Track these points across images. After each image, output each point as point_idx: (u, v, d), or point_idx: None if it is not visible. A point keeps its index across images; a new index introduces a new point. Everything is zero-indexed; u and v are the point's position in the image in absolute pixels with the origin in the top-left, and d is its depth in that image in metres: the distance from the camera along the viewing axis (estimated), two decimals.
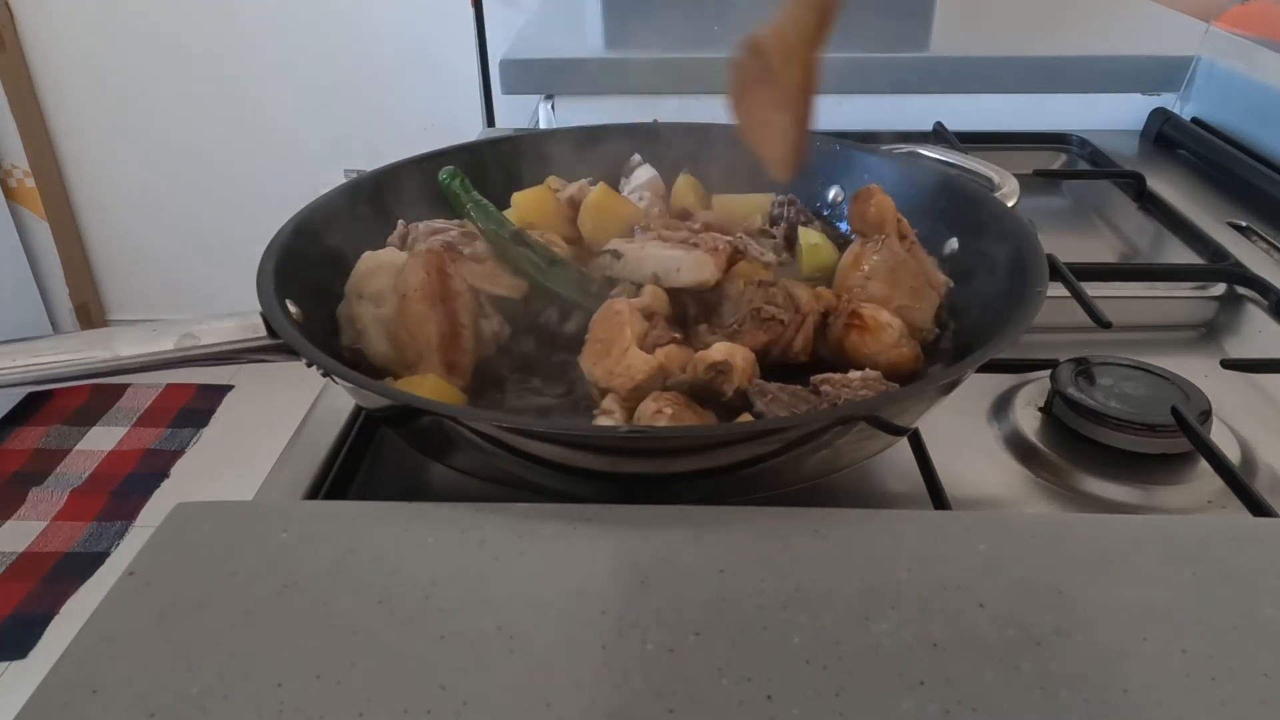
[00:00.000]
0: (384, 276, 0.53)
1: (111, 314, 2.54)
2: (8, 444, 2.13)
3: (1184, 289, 0.71)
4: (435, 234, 0.57)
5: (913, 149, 0.72)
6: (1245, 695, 0.31)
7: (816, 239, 0.60)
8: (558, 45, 1.14)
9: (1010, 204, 0.60)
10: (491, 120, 2.09)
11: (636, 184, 0.65)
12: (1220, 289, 0.71)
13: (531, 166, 0.66)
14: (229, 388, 2.32)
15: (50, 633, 1.65)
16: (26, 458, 2.09)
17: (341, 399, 0.57)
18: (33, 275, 2.30)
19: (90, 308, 2.46)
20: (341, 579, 0.36)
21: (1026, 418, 0.57)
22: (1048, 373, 0.57)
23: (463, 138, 0.60)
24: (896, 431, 0.48)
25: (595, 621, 0.34)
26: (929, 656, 0.32)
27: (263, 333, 0.46)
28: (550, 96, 1.08)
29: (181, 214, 2.37)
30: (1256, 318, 0.68)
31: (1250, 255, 0.75)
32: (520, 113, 1.20)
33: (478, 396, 0.51)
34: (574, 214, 0.61)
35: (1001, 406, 0.58)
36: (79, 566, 1.79)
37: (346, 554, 0.37)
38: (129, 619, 0.34)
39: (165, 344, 0.46)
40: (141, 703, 0.31)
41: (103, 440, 2.15)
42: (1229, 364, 0.60)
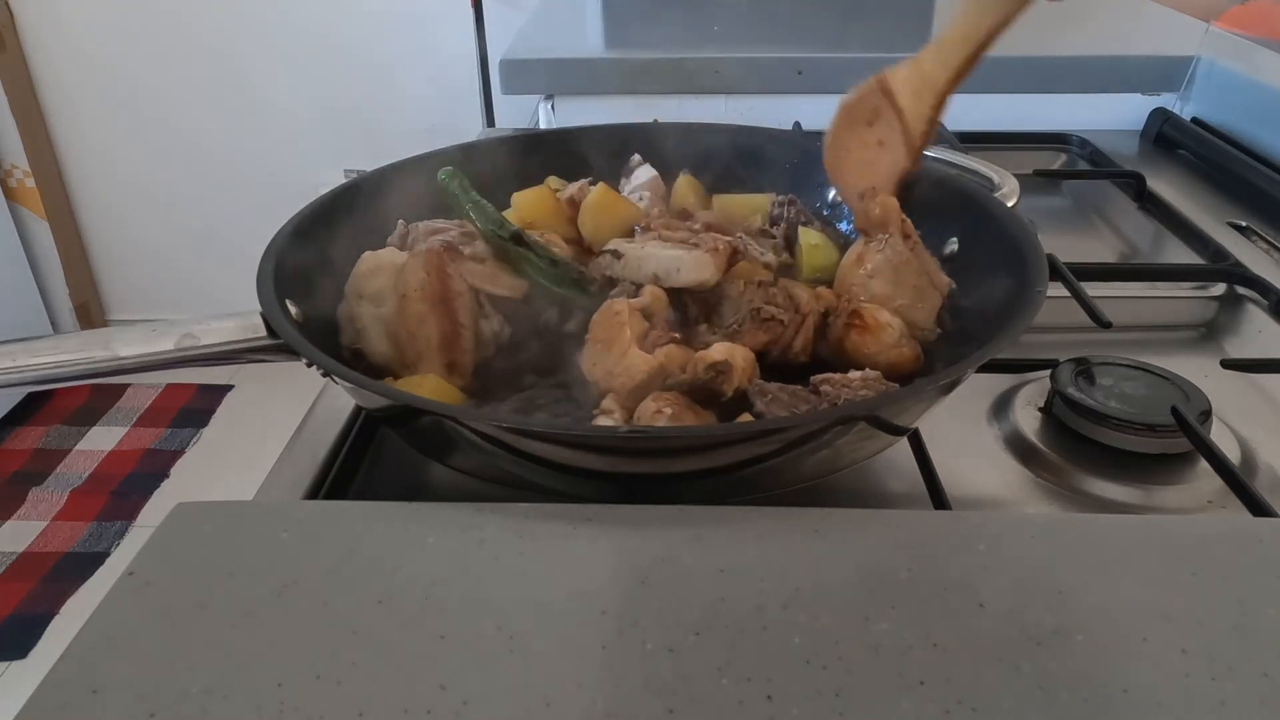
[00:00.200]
0: (384, 276, 0.53)
1: (111, 314, 2.54)
2: (8, 444, 2.13)
3: (1184, 289, 0.71)
4: (435, 234, 0.57)
5: None
6: (1245, 695, 0.31)
7: (817, 239, 0.60)
8: (558, 45, 1.14)
9: (1010, 204, 0.60)
10: (491, 120, 2.09)
11: (636, 184, 0.65)
12: (1220, 289, 0.71)
13: (531, 167, 0.66)
14: (229, 388, 2.32)
15: (50, 633, 1.65)
16: (26, 458, 2.09)
17: (341, 399, 0.57)
18: (33, 275, 2.30)
19: (90, 308, 2.46)
20: (341, 579, 0.36)
21: (1026, 418, 0.57)
22: (1048, 373, 0.57)
23: (463, 138, 0.60)
24: (897, 431, 0.48)
25: (595, 621, 0.34)
26: (929, 656, 0.32)
27: (263, 333, 0.46)
28: (550, 96, 1.08)
29: (181, 214, 2.37)
30: (1256, 318, 0.68)
31: (1250, 255, 0.75)
32: (520, 113, 1.20)
33: (478, 396, 0.51)
34: (574, 214, 0.61)
35: (1001, 406, 0.58)
36: (79, 566, 1.79)
37: (346, 554, 0.37)
38: (129, 619, 0.34)
39: (165, 344, 0.46)
40: (141, 703, 0.31)
41: (103, 440, 2.15)
42: (1229, 364, 0.60)
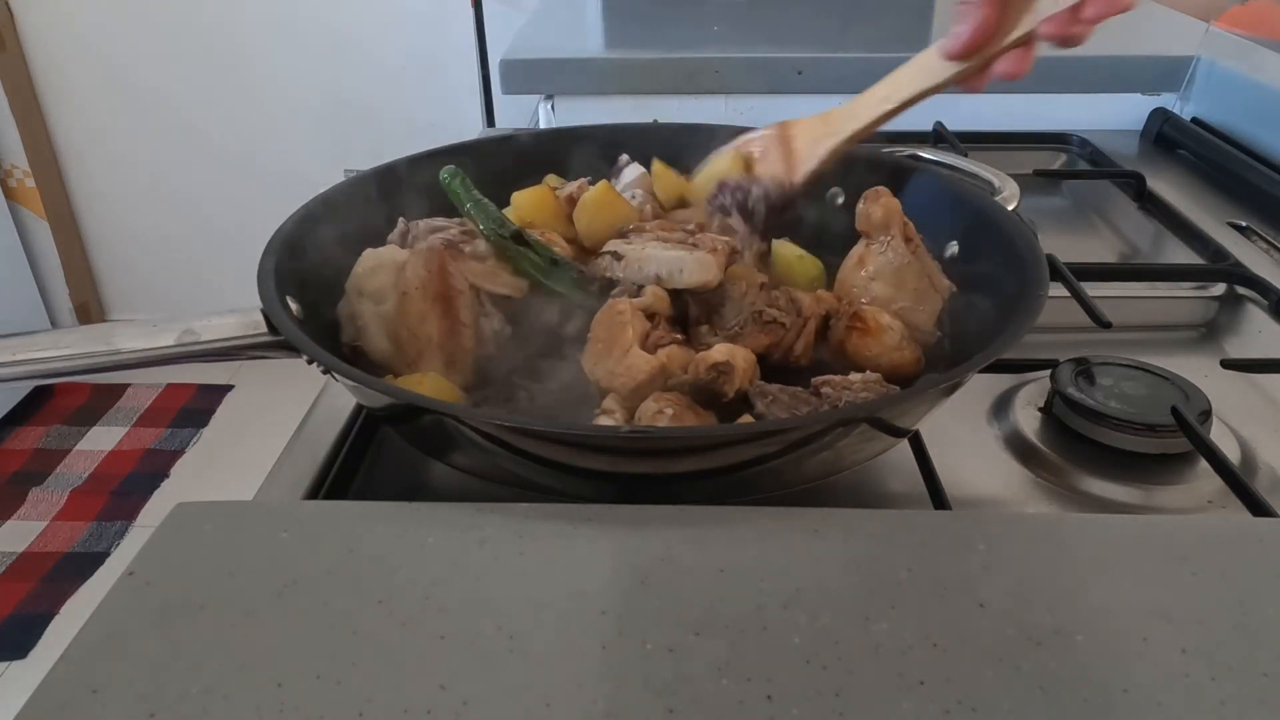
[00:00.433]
0: (385, 274, 0.53)
1: (111, 314, 2.54)
2: (8, 444, 2.13)
3: (1184, 289, 0.71)
4: (435, 232, 0.57)
5: (914, 151, 0.72)
6: (1245, 695, 0.31)
7: (798, 251, 0.59)
8: (558, 45, 1.14)
9: (1010, 208, 0.60)
10: (491, 120, 2.09)
11: (626, 182, 0.65)
12: (1220, 289, 0.71)
13: (531, 167, 0.66)
14: (229, 387, 2.31)
15: (50, 633, 1.65)
16: (26, 458, 2.09)
17: (342, 399, 0.57)
18: (33, 275, 2.30)
19: (90, 307, 2.46)
20: (341, 579, 0.36)
21: (1026, 418, 0.57)
22: (1048, 373, 0.57)
23: (463, 137, 0.60)
24: (898, 433, 0.48)
25: (595, 621, 0.34)
26: (929, 656, 0.32)
27: (263, 329, 0.46)
28: (550, 96, 1.08)
29: (181, 214, 2.37)
30: (1256, 318, 0.68)
31: (1250, 255, 0.75)
32: (520, 113, 1.20)
33: (478, 395, 0.51)
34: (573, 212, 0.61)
35: (1001, 406, 0.58)
36: (79, 566, 1.79)
37: (346, 554, 0.37)
38: (129, 619, 0.34)
39: (165, 339, 0.46)
40: (141, 703, 0.31)
41: (103, 440, 2.15)
42: (1229, 364, 0.60)
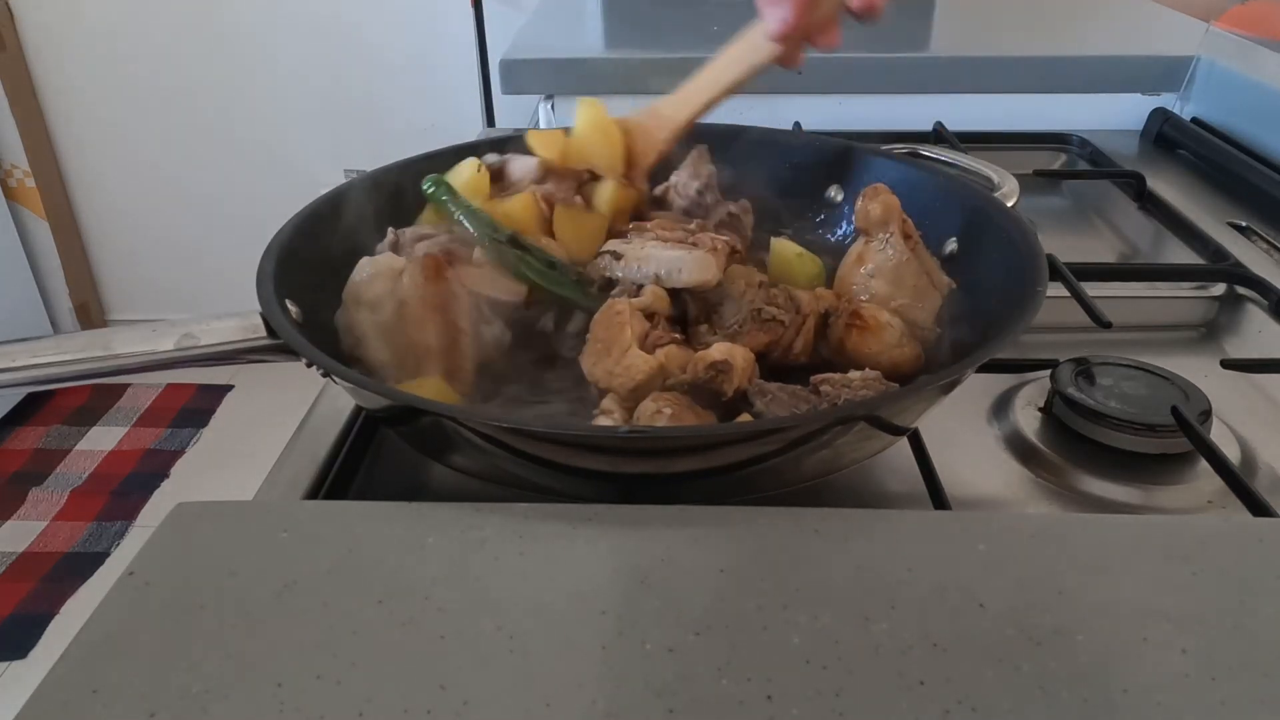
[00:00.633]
0: (382, 282, 0.52)
1: (111, 314, 2.54)
2: (8, 444, 2.13)
3: (1184, 289, 0.71)
4: (422, 239, 0.56)
5: (913, 149, 0.72)
6: (1245, 695, 0.31)
7: (797, 249, 0.59)
8: (558, 45, 1.14)
9: (1010, 204, 0.60)
10: (491, 120, 2.09)
11: (516, 180, 0.60)
12: (1220, 289, 0.71)
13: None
14: (229, 388, 2.32)
15: (50, 633, 1.65)
16: (26, 458, 2.09)
17: (341, 399, 0.57)
18: (33, 275, 2.30)
19: (90, 308, 2.46)
20: (341, 579, 0.36)
21: (1026, 418, 0.57)
22: (1048, 373, 0.57)
23: (463, 138, 0.60)
24: (896, 431, 0.48)
25: (595, 621, 0.34)
26: (929, 656, 0.32)
27: (262, 333, 0.46)
28: (550, 96, 1.08)
29: (182, 214, 2.37)
30: (1256, 318, 0.68)
31: (1250, 255, 0.75)
32: (520, 113, 1.20)
33: (479, 400, 0.51)
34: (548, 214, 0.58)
35: (1001, 406, 0.58)
36: (79, 566, 1.79)
37: (346, 554, 0.37)
38: (129, 619, 0.34)
39: (165, 344, 0.46)
40: (141, 703, 0.31)
41: (103, 440, 2.15)
42: (1229, 364, 0.60)
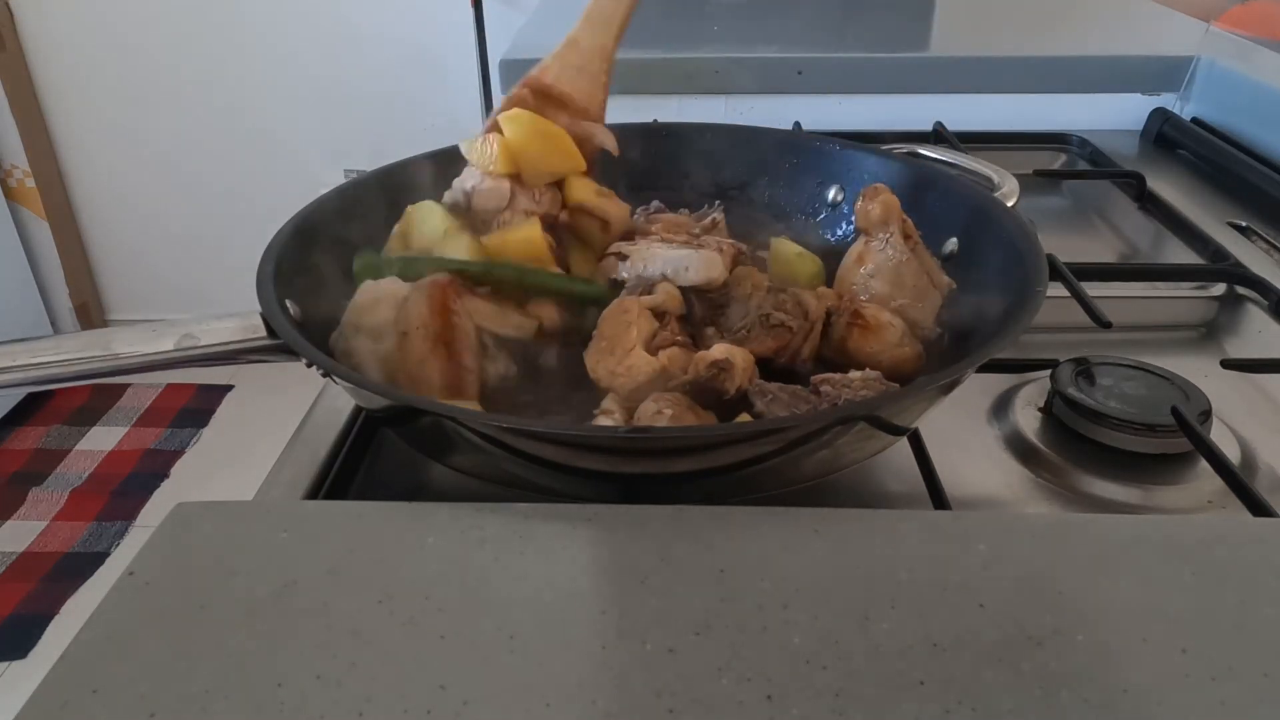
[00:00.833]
0: (385, 309, 0.49)
1: (111, 314, 2.54)
2: (8, 444, 2.13)
3: (1184, 289, 0.71)
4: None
5: (912, 149, 0.72)
6: (1245, 695, 0.31)
7: (796, 249, 0.59)
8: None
9: (1010, 204, 0.60)
10: None
11: (491, 206, 0.57)
12: (1220, 289, 0.71)
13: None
14: (229, 388, 2.32)
15: (50, 633, 1.65)
16: (26, 458, 2.09)
17: (341, 399, 0.57)
18: (33, 275, 2.30)
19: (90, 308, 2.46)
20: (341, 579, 0.36)
21: (1026, 418, 0.57)
22: (1048, 373, 0.57)
23: (463, 138, 0.60)
24: (896, 431, 0.48)
25: (595, 621, 0.34)
26: (929, 656, 0.32)
27: (262, 333, 0.46)
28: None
29: (182, 214, 2.37)
30: (1256, 318, 0.68)
31: (1250, 255, 0.75)
32: None
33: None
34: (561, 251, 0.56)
35: (1001, 406, 0.58)
36: (79, 566, 1.79)
37: (346, 554, 0.37)
38: (129, 619, 0.34)
39: (165, 344, 0.46)
40: (141, 703, 0.31)
41: (103, 440, 2.15)
42: (1229, 364, 0.60)
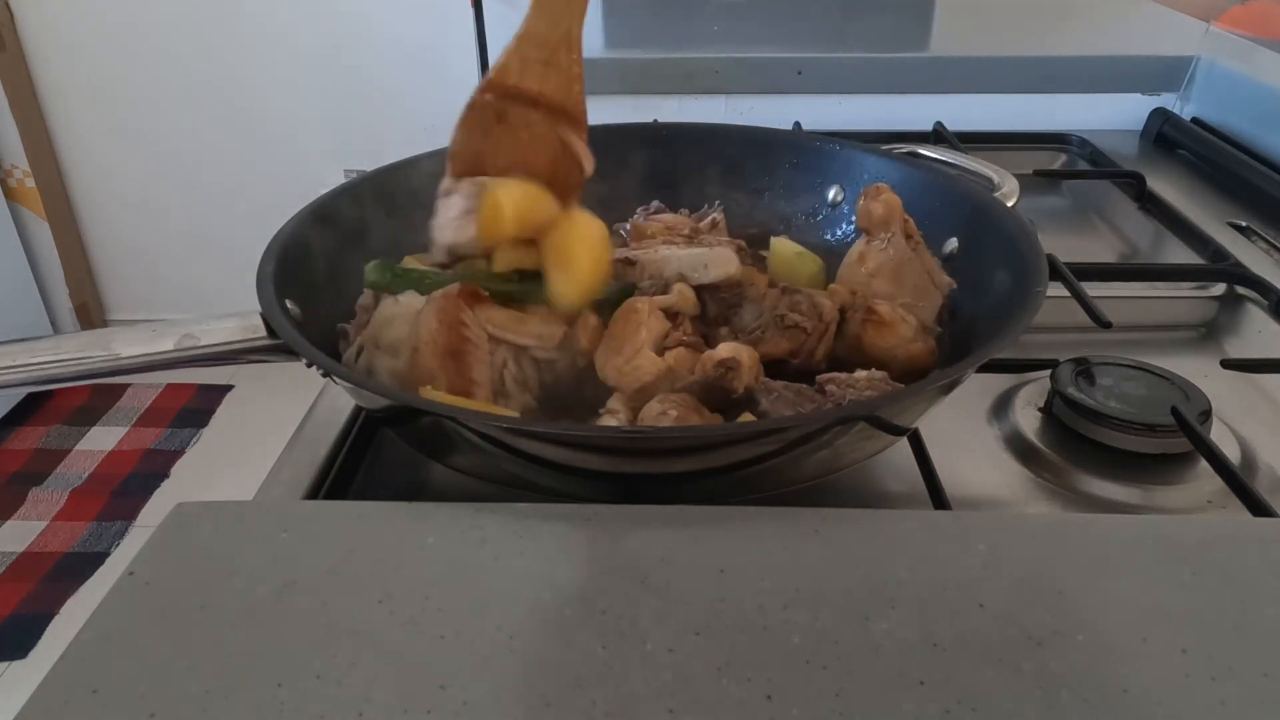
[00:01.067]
0: (401, 325, 0.48)
1: (111, 314, 2.54)
2: (8, 444, 2.13)
3: (1184, 289, 0.71)
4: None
5: (913, 149, 0.72)
6: (1245, 695, 0.31)
7: (797, 248, 0.58)
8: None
9: (1010, 204, 0.60)
10: None
11: (453, 215, 0.55)
12: (1220, 289, 0.71)
13: None
14: (229, 388, 2.32)
15: (50, 633, 1.65)
16: (26, 458, 2.09)
17: (341, 399, 0.57)
18: (33, 275, 2.30)
19: (90, 308, 2.46)
20: (341, 579, 0.36)
21: (1026, 418, 0.57)
22: (1048, 373, 0.57)
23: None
24: (896, 431, 0.48)
25: (595, 621, 0.34)
26: (929, 656, 0.32)
27: (262, 333, 0.46)
28: None
29: (182, 214, 2.37)
30: (1256, 318, 0.68)
31: (1250, 255, 0.75)
32: None
33: None
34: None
35: (1001, 406, 0.58)
36: (79, 566, 1.79)
37: (346, 554, 0.37)
38: (129, 619, 0.34)
39: (165, 344, 0.45)
40: (141, 703, 0.31)
41: (103, 440, 2.15)
42: (1229, 364, 0.60)
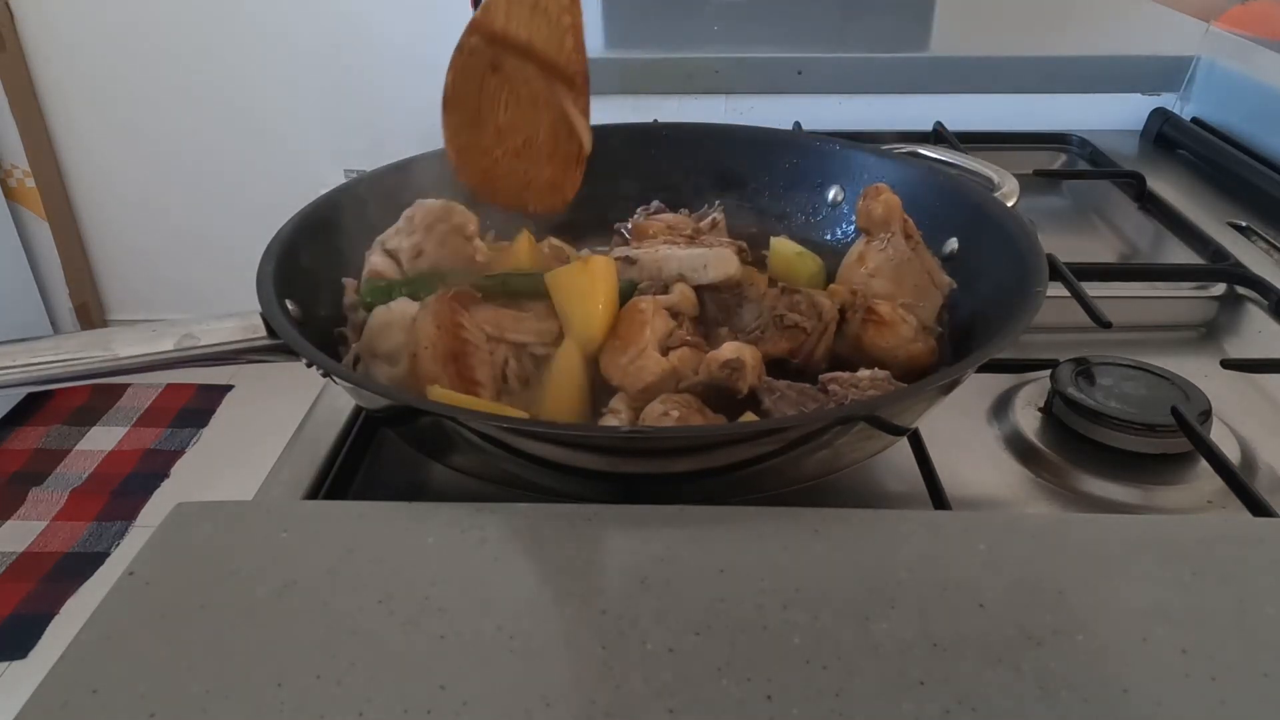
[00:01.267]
0: (396, 333, 0.48)
1: (111, 314, 2.54)
2: (8, 444, 2.13)
3: (1184, 289, 0.71)
4: (436, 222, 0.53)
5: (913, 149, 0.72)
6: (1245, 695, 0.31)
7: (797, 248, 0.58)
8: None
9: (1010, 204, 0.60)
10: None
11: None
12: (1220, 289, 0.71)
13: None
14: (229, 388, 2.32)
15: (50, 633, 1.65)
16: (26, 458, 2.09)
17: (341, 399, 0.57)
18: (33, 275, 2.30)
19: (90, 308, 2.46)
20: (341, 579, 0.36)
21: (1026, 418, 0.57)
22: (1048, 373, 0.57)
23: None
24: (896, 431, 0.48)
25: (595, 621, 0.34)
26: (929, 656, 0.32)
27: (262, 333, 0.46)
28: None
29: (181, 214, 2.37)
30: (1256, 318, 0.68)
31: (1250, 255, 0.75)
32: None
33: None
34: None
35: (1001, 406, 0.58)
36: (79, 566, 1.79)
37: (346, 554, 0.37)
38: (129, 619, 0.34)
39: (165, 344, 0.46)
40: (141, 703, 0.31)
41: (103, 440, 2.15)
42: (1229, 364, 0.60)
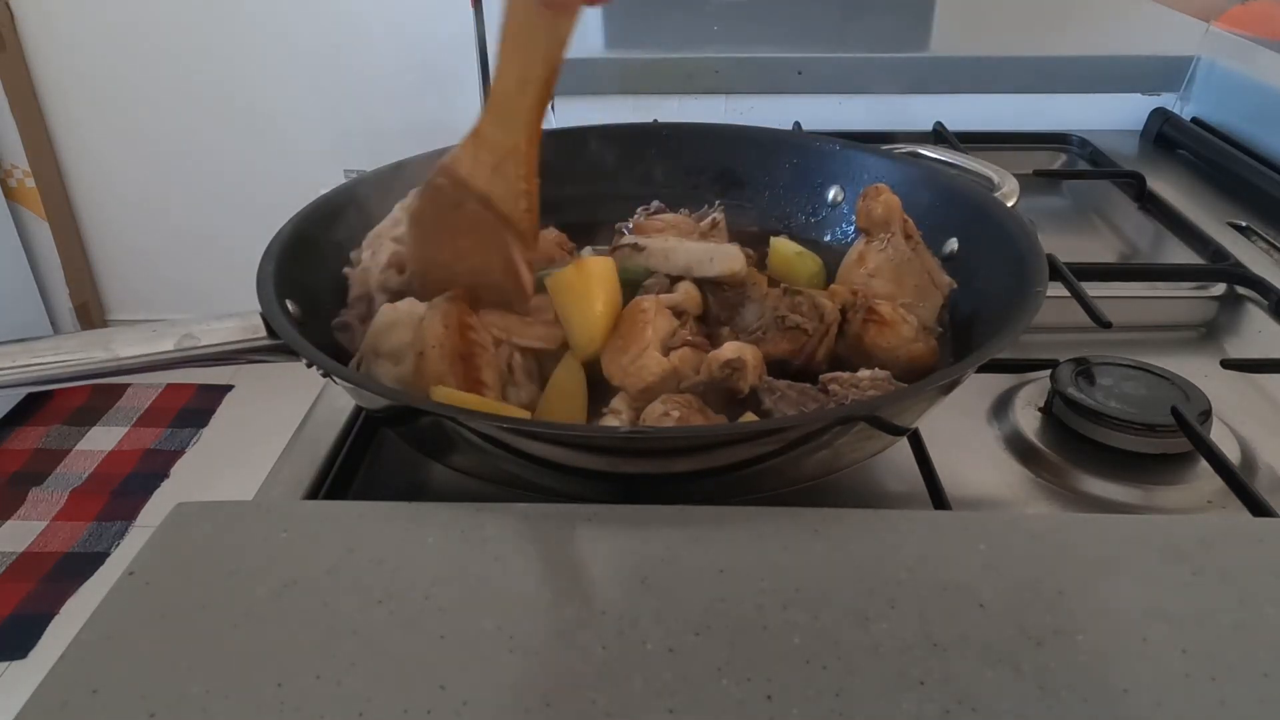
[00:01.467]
0: (402, 331, 0.49)
1: (111, 314, 2.54)
2: (8, 444, 2.13)
3: (1184, 289, 0.71)
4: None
5: (913, 149, 0.72)
6: (1245, 695, 0.31)
7: (796, 248, 0.58)
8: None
9: (1010, 204, 0.60)
10: None
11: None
12: (1220, 289, 0.71)
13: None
14: (229, 388, 2.32)
15: (50, 633, 1.65)
16: (26, 458, 2.09)
17: (341, 399, 0.57)
18: (33, 275, 2.30)
19: (90, 308, 2.46)
20: (341, 579, 0.36)
21: (1026, 418, 0.57)
22: (1048, 373, 0.57)
23: (462, 138, 0.60)
24: (896, 431, 0.48)
25: (595, 621, 0.34)
26: (929, 656, 0.32)
27: (263, 333, 0.46)
28: (550, 96, 1.08)
29: (182, 214, 2.37)
30: (1256, 318, 0.68)
31: (1250, 255, 0.75)
32: None
33: None
34: None
35: (1001, 406, 0.58)
36: (79, 566, 1.79)
37: (346, 554, 0.37)
38: (129, 619, 0.34)
39: (165, 344, 0.46)
40: (141, 703, 0.31)
41: (103, 440, 2.15)
42: (1229, 364, 0.60)
